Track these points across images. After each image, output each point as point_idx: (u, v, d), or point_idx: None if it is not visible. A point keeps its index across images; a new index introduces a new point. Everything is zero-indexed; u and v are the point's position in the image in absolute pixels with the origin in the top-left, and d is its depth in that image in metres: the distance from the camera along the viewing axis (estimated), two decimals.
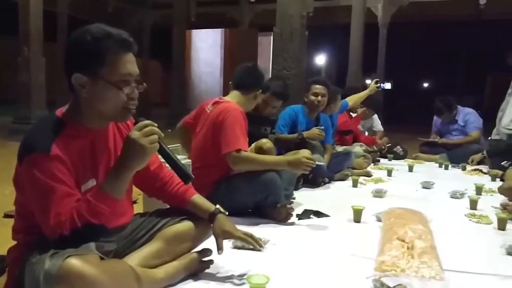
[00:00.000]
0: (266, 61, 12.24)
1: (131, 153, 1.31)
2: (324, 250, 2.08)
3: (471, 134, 5.34)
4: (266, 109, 3.29)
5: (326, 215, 2.71)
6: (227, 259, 1.83)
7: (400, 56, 24.47)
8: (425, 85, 34.31)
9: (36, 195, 1.30)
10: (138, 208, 2.44)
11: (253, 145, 2.86)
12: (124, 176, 1.33)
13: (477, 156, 4.80)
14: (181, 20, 11.19)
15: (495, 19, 15.71)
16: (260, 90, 2.71)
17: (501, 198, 3.11)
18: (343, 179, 3.99)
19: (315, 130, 3.61)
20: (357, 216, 2.59)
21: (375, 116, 5.81)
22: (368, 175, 4.27)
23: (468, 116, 5.40)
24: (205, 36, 14.64)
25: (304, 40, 4.91)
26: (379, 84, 4.87)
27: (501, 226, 2.49)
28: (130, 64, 1.37)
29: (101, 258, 1.32)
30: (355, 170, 4.25)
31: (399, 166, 4.93)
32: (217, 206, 1.71)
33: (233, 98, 2.66)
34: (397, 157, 5.60)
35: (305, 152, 2.57)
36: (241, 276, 1.68)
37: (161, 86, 17.47)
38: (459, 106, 5.50)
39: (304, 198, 3.14)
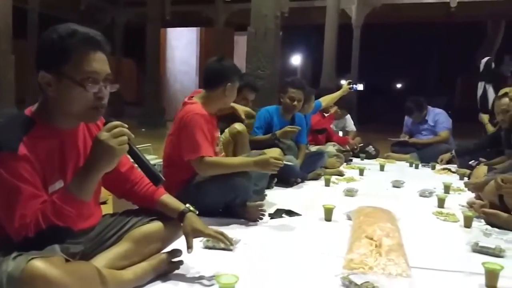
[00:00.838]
0: (242, 60, 12.09)
1: (99, 154, 1.29)
2: (295, 249, 2.09)
3: (441, 134, 5.47)
4: (240, 103, 3.29)
5: (298, 214, 2.73)
6: (198, 259, 1.82)
7: (373, 57, 24.87)
8: (398, 85, 34.97)
9: (1, 195, 1.27)
10: (108, 209, 2.40)
11: (226, 131, 2.85)
12: (92, 178, 1.30)
13: (446, 156, 4.92)
14: (155, 18, 11.07)
15: (465, 22, 16.16)
16: (229, 84, 2.53)
17: (468, 197, 3.20)
18: (316, 178, 4.03)
19: (287, 128, 3.63)
20: (328, 215, 2.62)
21: (348, 116, 5.88)
22: (341, 174, 4.32)
23: (437, 116, 5.54)
24: (180, 35, 14.51)
25: (279, 40, 4.93)
26: (351, 85, 4.92)
27: (467, 224, 2.56)
28: (98, 62, 1.34)
29: (67, 260, 1.30)
30: (328, 170, 4.30)
31: (371, 165, 5.01)
32: (187, 205, 1.70)
33: (200, 98, 2.58)
34: (369, 156, 5.68)
35: (273, 152, 2.59)
36: (211, 277, 1.68)
37: (135, 85, 17.24)
38: (429, 107, 5.64)
39: (276, 197, 3.16)
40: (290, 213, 2.74)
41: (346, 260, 1.86)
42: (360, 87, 5.49)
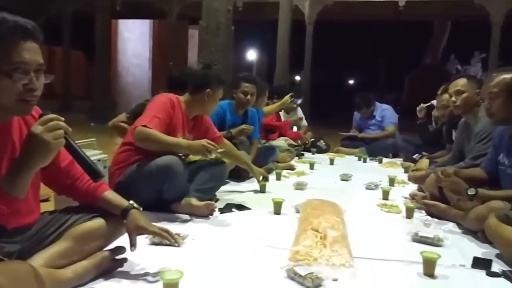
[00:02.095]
0: (196, 54, 12.13)
1: (32, 149, 1.23)
2: (242, 243, 2.10)
3: (387, 129, 5.68)
4: None
5: (248, 208, 2.75)
6: (143, 256, 1.79)
7: (327, 53, 25.34)
8: (350, 82, 35.90)
9: None
10: (51, 207, 2.31)
11: None
12: (25, 174, 1.25)
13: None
14: (104, 9, 10.73)
15: (413, 21, 16.78)
16: (209, 90, 2.68)
17: (411, 189, 3.33)
18: (267, 172, 4.06)
19: (242, 127, 3.66)
20: (277, 208, 2.65)
21: (300, 112, 5.96)
22: (292, 168, 4.38)
23: (384, 112, 5.75)
24: (132, 27, 14.15)
25: (231, 34, 4.92)
26: (293, 99, 4.92)
27: (409, 215, 2.67)
28: (28, 52, 1.27)
29: (1, 260, 1.23)
30: (279, 164, 4.35)
31: (322, 159, 5.11)
32: (131, 201, 1.67)
33: (182, 98, 2.72)
34: (320, 151, 5.80)
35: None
36: (156, 273, 1.65)
37: (84, 78, 16.65)
38: (377, 102, 5.83)
39: (227, 192, 3.16)
40: (240, 207, 2.75)
41: (292, 252, 1.89)
42: (299, 101, 5.65)
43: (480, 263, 1.90)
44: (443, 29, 19.56)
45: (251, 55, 23.22)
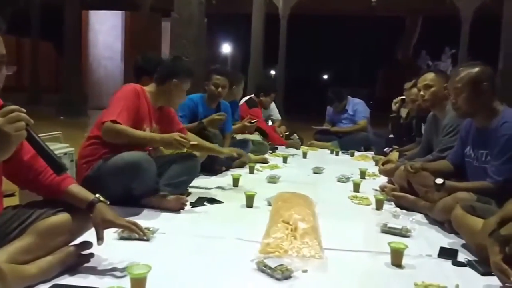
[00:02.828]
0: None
1: None
2: (213, 236, 2.09)
3: (359, 123, 5.76)
4: None
5: (220, 202, 2.73)
6: (111, 251, 1.76)
7: (301, 48, 25.45)
8: (324, 77, 36.16)
9: None
10: (16, 202, 2.24)
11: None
12: None
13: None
14: None
15: (385, 16, 17.02)
16: (175, 80, 2.66)
17: (382, 182, 3.38)
18: (240, 166, 4.05)
19: (214, 116, 3.62)
20: (249, 201, 2.65)
21: (274, 106, 5.97)
22: (265, 162, 4.38)
23: (356, 106, 5.83)
24: (104, 18, 13.85)
25: (204, 27, 4.87)
26: (251, 121, 4.66)
27: (379, 206, 2.71)
28: None
29: None
30: (253, 157, 4.34)
31: (295, 153, 5.13)
32: (97, 195, 1.63)
33: (149, 88, 2.70)
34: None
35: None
36: (124, 268, 1.62)
37: (54, 70, 16.22)
38: (349, 97, 5.90)
39: (200, 185, 3.14)
40: (212, 201, 2.73)
41: (263, 244, 1.89)
42: (270, 122, 5.67)
43: (446, 253, 1.95)
44: (415, 25, 19.89)
45: (226, 48, 23.11)
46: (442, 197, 2.32)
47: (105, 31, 13.63)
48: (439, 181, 2.25)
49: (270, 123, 5.79)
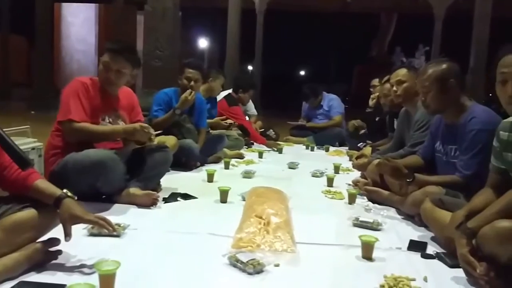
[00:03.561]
0: None
1: None
2: (186, 231, 2.07)
3: (334, 118, 5.82)
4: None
5: (194, 197, 2.71)
6: (80, 247, 1.73)
7: (278, 44, 25.50)
8: (302, 73, 36.33)
9: None
10: None
11: None
12: None
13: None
14: None
15: (361, 13, 17.18)
16: (101, 58, 2.56)
17: (355, 176, 3.42)
18: (216, 161, 4.04)
19: (185, 96, 3.59)
20: (224, 196, 2.64)
21: (250, 101, 5.96)
22: (241, 157, 4.38)
23: (331, 102, 5.88)
24: (77, 11, 13.57)
25: (178, 20, 4.81)
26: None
27: (351, 200, 2.74)
28: None
29: None
30: (228, 153, 4.33)
31: (271, 148, 5.14)
32: (64, 190, 1.59)
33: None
34: (270, 139, 5.83)
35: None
36: (92, 265, 1.59)
37: (25, 64, 15.80)
38: (324, 93, 5.95)
39: (174, 181, 3.11)
40: (186, 196, 2.71)
41: (235, 239, 1.88)
42: (246, 118, 5.71)
43: (415, 246, 1.98)
44: (390, 22, 20.14)
45: (203, 43, 22.93)
46: (413, 191, 2.36)
47: (78, 24, 13.35)
48: (409, 176, 2.30)
49: (246, 118, 5.78)
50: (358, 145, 4.62)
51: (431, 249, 1.96)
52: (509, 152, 1.78)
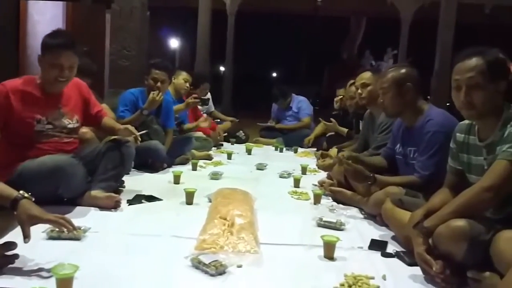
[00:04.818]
0: None
1: None
2: (149, 234, 2.05)
3: (303, 120, 5.89)
4: None
5: (159, 199, 2.69)
6: (39, 251, 1.70)
7: (250, 45, 25.52)
8: (273, 74, 36.46)
9: None
10: None
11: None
12: None
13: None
14: None
15: (331, 16, 17.41)
16: (39, 55, 2.41)
17: (322, 177, 3.46)
18: (183, 163, 4.02)
19: (152, 97, 3.53)
20: (189, 198, 2.62)
21: (210, 100, 5.90)
22: (209, 158, 4.37)
23: (300, 104, 5.94)
24: (43, 9, 13.13)
25: (146, 19, 4.76)
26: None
27: (316, 201, 2.78)
28: None
29: None
30: (197, 154, 4.30)
31: (240, 149, 5.15)
32: (21, 191, 1.56)
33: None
34: (239, 141, 5.85)
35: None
36: (50, 269, 1.56)
37: None
38: (293, 94, 6.00)
39: (140, 183, 3.08)
40: (151, 198, 2.68)
41: (198, 241, 1.88)
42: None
43: (376, 245, 2.03)
44: (359, 25, 20.47)
45: (174, 43, 22.70)
46: (375, 191, 2.42)
47: (45, 22, 12.94)
48: (369, 179, 2.36)
49: (205, 115, 5.67)
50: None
51: (391, 248, 2.01)
52: (465, 153, 1.85)
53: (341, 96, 4.83)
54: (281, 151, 5.34)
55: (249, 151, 4.95)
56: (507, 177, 1.58)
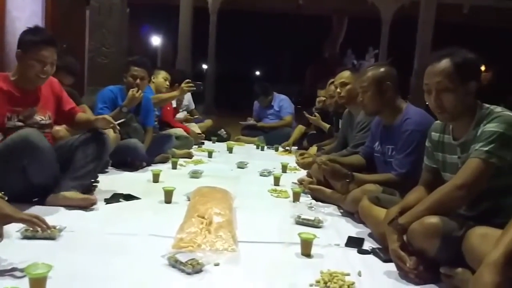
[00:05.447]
0: None
1: None
2: (126, 233, 2.03)
3: (285, 118, 5.91)
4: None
5: (137, 198, 2.66)
6: (13, 250, 1.68)
7: (233, 43, 25.46)
8: (256, 73, 36.46)
9: None
10: None
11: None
12: None
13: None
14: None
15: (313, 15, 17.48)
16: (18, 50, 2.38)
17: (302, 175, 3.48)
18: (163, 161, 3.99)
19: (132, 94, 3.49)
20: (168, 197, 2.61)
21: (190, 97, 5.88)
22: (190, 156, 4.35)
23: (282, 102, 5.96)
24: (22, 5, 12.87)
25: (126, 16, 4.71)
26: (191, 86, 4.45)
27: (295, 199, 2.80)
28: None
29: None
30: (177, 152, 4.28)
31: (221, 148, 5.15)
32: None
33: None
34: (221, 139, 5.84)
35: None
36: (23, 269, 1.53)
37: None
38: (275, 93, 6.02)
39: (117, 182, 3.05)
40: (128, 197, 2.65)
41: (176, 239, 1.87)
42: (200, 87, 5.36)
43: (353, 242, 2.06)
44: (341, 24, 20.60)
45: (156, 41, 22.49)
46: (353, 189, 2.45)
47: (24, 18, 12.66)
48: (347, 177, 2.39)
49: (184, 113, 5.65)
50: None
51: (368, 245, 2.04)
52: (440, 152, 1.88)
53: (324, 99, 4.86)
54: (262, 149, 5.36)
55: (230, 150, 4.94)
56: (479, 175, 1.62)
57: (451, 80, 1.69)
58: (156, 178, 3.15)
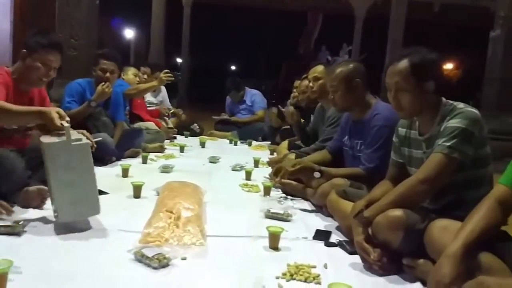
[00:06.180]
0: None
1: None
2: (92, 228, 1.99)
3: (257, 113, 5.93)
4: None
5: (106, 193, 2.62)
6: None
7: (208, 37, 25.27)
8: (232, 67, 36.35)
9: None
10: None
11: None
12: None
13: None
14: None
15: (288, 11, 17.54)
16: (24, 50, 2.35)
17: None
18: (134, 156, 3.93)
19: (101, 88, 3.43)
20: (137, 192, 2.58)
21: (165, 93, 5.82)
22: (162, 151, 4.30)
23: (254, 97, 5.98)
24: None
25: (95, 8, 4.61)
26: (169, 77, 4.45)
27: (266, 193, 2.81)
28: None
29: None
30: (149, 146, 4.23)
31: (193, 142, 5.11)
32: None
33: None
34: (194, 134, 5.80)
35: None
36: None
37: None
38: (247, 88, 6.03)
39: None
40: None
41: (143, 234, 1.86)
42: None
43: (320, 235, 2.08)
44: (316, 21, 20.73)
45: (129, 34, 22.10)
46: (322, 183, 2.47)
47: None
48: (316, 175, 2.42)
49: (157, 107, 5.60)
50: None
51: (335, 237, 2.07)
52: (406, 147, 1.93)
53: (297, 95, 4.88)
54: (235, 144, 5.35)
55: (202, 144, 4.92)
56: (442, 170, 1.66)
57: (407, 81, 1.73)
58: (125, 173, 3.11)
